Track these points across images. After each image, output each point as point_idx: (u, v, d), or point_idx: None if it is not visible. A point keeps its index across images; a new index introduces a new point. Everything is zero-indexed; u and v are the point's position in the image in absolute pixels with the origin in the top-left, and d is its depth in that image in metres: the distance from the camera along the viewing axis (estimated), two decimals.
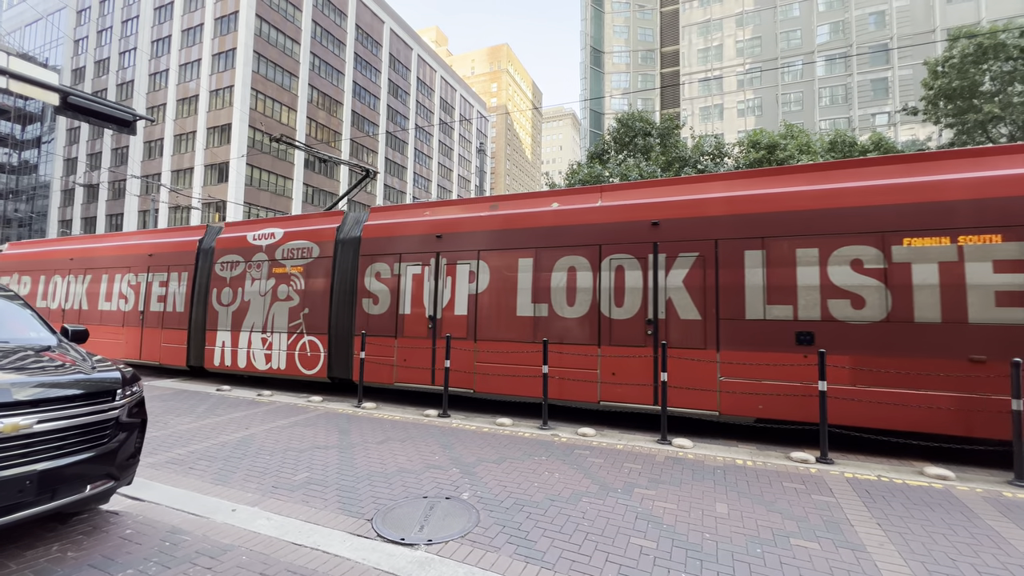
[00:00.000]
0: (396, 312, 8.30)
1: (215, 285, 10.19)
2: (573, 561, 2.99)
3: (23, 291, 13.16)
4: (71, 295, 12.30)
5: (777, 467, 4.85)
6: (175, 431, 6.07)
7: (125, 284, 11.44)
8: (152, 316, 10.98)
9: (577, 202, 7.49)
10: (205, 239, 10.81)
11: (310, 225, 9.60)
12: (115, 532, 3.29)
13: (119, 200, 42.98)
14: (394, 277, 8.42)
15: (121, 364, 3.64)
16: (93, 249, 12.51)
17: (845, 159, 6.96)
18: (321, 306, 9.01)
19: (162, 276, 10.97)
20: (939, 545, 3.24)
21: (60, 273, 12.62)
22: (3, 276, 13.62)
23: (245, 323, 9.77)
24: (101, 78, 45.88)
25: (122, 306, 11.46)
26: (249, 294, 9.80)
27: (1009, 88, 20.44)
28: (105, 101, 7.78)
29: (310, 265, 9.22)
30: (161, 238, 11.47)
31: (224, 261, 10.19)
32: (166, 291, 10.85)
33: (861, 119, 41.63)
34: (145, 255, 11.34)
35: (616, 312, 6.81)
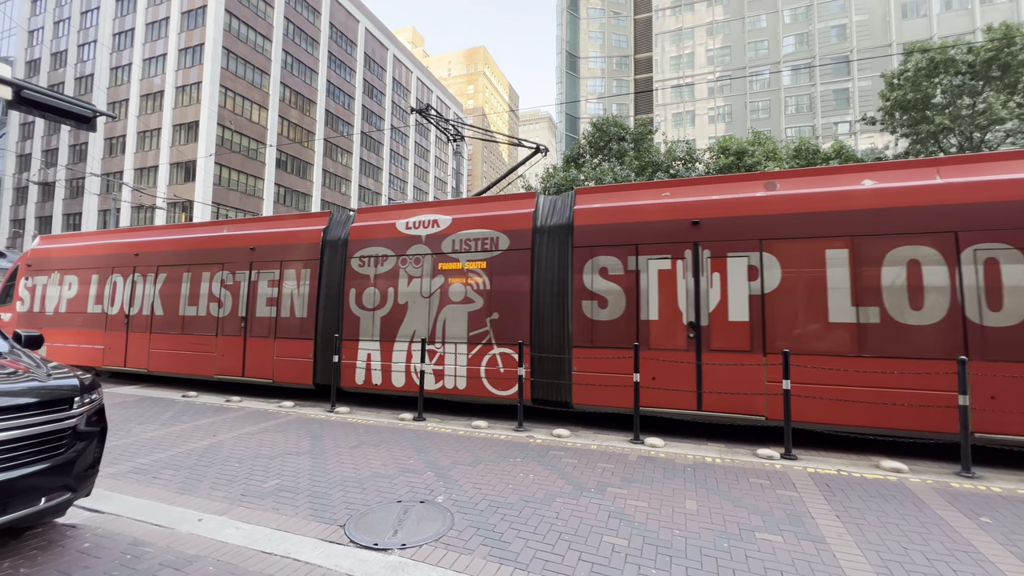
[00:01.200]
0: (635, 317, 6.64)
1: (353, 284, 8.38)
2: (547, 561, 3.03)
3: (68, 293, 11.34)
4: (139, 297, 10.41)
5: (744, 464, 5.01)
6: (138, 439, 5.85)
7: (217, 284, 9.58)
8: (259, 323, 9.07)
9: (906, 178, 5.90)
10: (331, 228, 9.00)
11: (492, 210, 7.84)
12: (72, 546, 3.16)
13: (77, 199, 41.06)
14: (629, 274, 6.74)
15: (79, 371, 3.50)
16: (168, 242, 10.50)
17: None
18: (517, 310, 7.26)
19: (271, 274, 9.08)
20: (892, 535, 3.41)
21: (121, 271, 10.69)
22: (39, 276, 11.80)
23: (402, 331, 7.93)
24: (58, 71, 43.79)
25: (215, 311, 9.53)
26: (405, 295, 7.98)
27: (958, 101, 21.65)
28: (63, 96, 7.44)
29: (496, 260, 7.50)
30: (266, 228, 9.60)
31: (365, 255, 8.37)
32: (278, 292, 8.98)
33: (824, 127, 43.35)
34: (245, 249, 9.49)
35: (991, 318, 5.36)
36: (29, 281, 11.86)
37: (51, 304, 11.48)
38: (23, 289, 11.86)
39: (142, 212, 37.46)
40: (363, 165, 53.87)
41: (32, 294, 11.73)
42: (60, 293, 11.50)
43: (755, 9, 47.91)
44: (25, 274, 12.02)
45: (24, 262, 12.19)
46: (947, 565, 3.00)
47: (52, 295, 11.54)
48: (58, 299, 11.45)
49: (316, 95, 46.66)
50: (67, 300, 11.29)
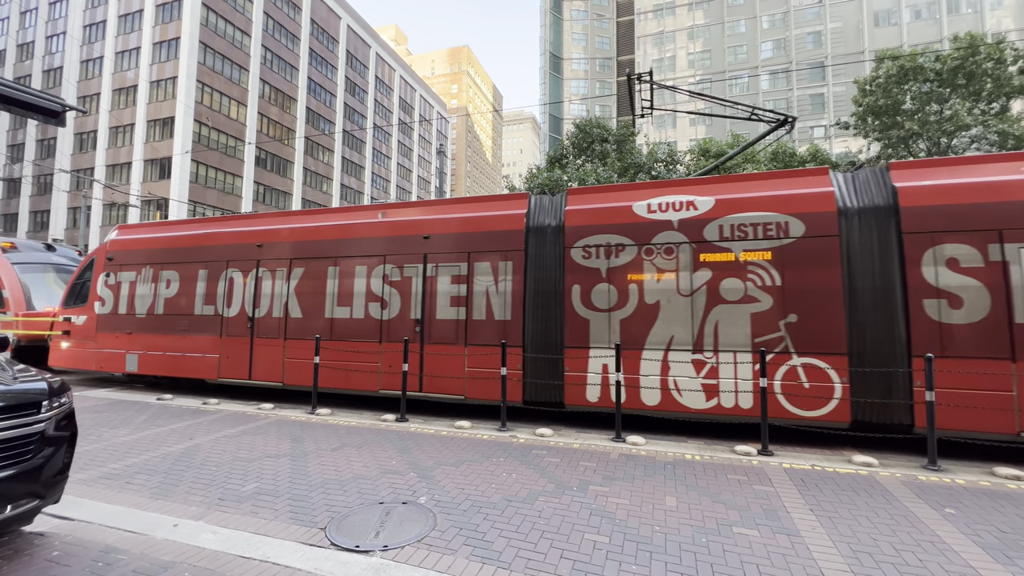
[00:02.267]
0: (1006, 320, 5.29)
1: (576, 280, 6.94)
2: (529, 559, 3.05)
3: (166, 292, 9.61)
4: (266, 297, 8.79)
5: (722, 460, 5.11)
6: (110, 444, 5.68)
7: (378, 281, 8.07)
8: (441, 327, 7.57)
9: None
10: (537, 213, 7.50)
11: (772, 189, 6.49)
12: (40, 555, 3.06)
13: (45, 196, 39.64)
14: (992, 266, 5.43)
15: (48, 374, 3.39)
16: (304, 231, 8.82)
17: None
18: (823, 311, 5.97)
19: (454, 268, 7.62)
20: (863, 527, 3.52)
21: (240, 265, 9.11)
22: (125, 271, 10.07)
23: (652, 337, 6.54)
24: (24, 63, 42.18)
25: (374, 312, 8.00)
26: (654, 293, 6.60)
27: (926, 107, 22.44)
28: (29, 89, 7.18)
29: (787, 249, 6.19)
30: (442, 213, 8.06)
31: (591, 244, 6.93)
32: (467, 290, 7.48)
33: (800, 131, 44.41)
34: (415, 238, 7.97)
35: None
36: (111, 278, 10.13)
37: (143, 304, 9.78)
38: (103, 287, 10.17)
39: (115, 210, 36.35)
40: (345, 164, 53.20)
41: (116, 293, 10.06)
42: (155, 292, 9.73)
43: (734, 14, 48.86)
44: (105, 269, 10.22)
45: (102, 255, 10.39)
46: (914, 555, 3.11)
47: (144, 294, 9.80)
48: (152, 299, 9.71)
49: (297, 92, 45.91)
50: (165, 300, 9.61)
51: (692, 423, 7.01)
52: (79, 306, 10.43)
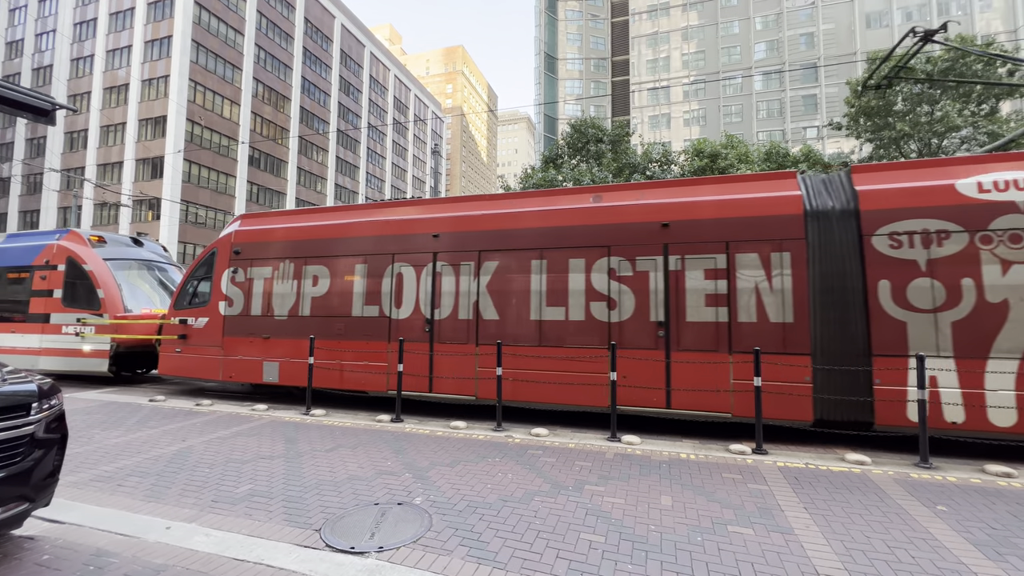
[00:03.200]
0: None
1: (883, 273, 5.83)
2: (525, 559, 3.05)
3: (313, 291, 8.42)
4: (449, 295, 7.62)
5: (717, 459, 5.14)
6: (102, 446, 5.62)
7: (601, 276, 6.88)
8: (694, 332, 6.44)
9: None
10: (817, 195, 6.35)
11: None
12: (30, 559, 3.02)
13: (35, 195, 39.19)
14: None
15: (37, 376, 3.35)
16: (493, 219, 7.62)
17: None
18: None
19: (707, 261, 6.49)
20: (856, 524, 3.55)
21: (410, 259, 7.92)
22: (257, 266, 8.88)
23: (1000, 343, 5.38)
24: (14, 61, 41.68)
25: (598, 313, 6.82)
26: (999, 290, 5.44)
27: (917, 108, 22.65)
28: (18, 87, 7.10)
29: None
30: (682, 196, 6.87)
31: (900, 232, 5.81)
32: (729, 287, 6.35)
33: (794, 132, 44.76)
34: (650, 226, 6.78)
35: None
36: (239, 274, 8.96)
37: (283, 305, 8.57)
38: (229, 285, 9.00)
39: (106, 210, 36.00)
40: (339, 163, 52.98)
41: (246, 291, 8.87)
42: (298, 290, 8.51)
43: (728, 15, 49.12)
44: (231, 265, 9.03)
45: (226, 249, 9.20)
46: (906, 552, 3.14)
47: (284, 292, 8.59)
48: (295, 298, 8.49)
49: (291, 91, 45.67)
50: (312, 299, 8.41)
51: (687, 422, 7.03)
52: (197, 307, 9.28)
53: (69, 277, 10.41)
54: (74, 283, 10.37)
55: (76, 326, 10.10)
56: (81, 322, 10.06)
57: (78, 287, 10.31)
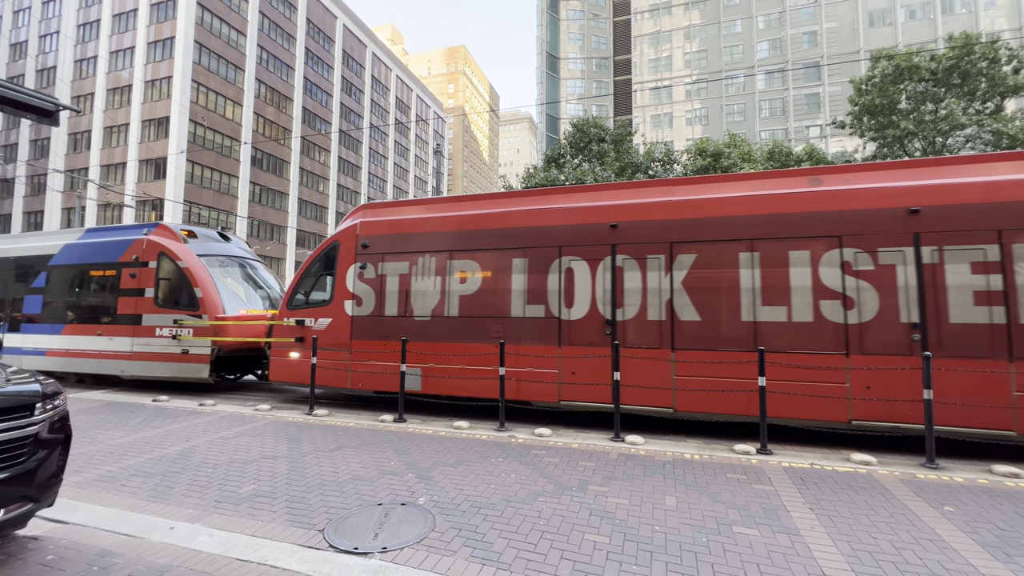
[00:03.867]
0: None
1: None
2: (529, 560, 3.03)
3: (461, 288, 7.58)
4: (635, 293, 6.70)
5: (722, 459, 5.11)
6: (105, 446, 5.63)
7: (832, 272, 6.02)
8: (963, 334, 5.52)
9: None
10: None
11: None
12: (34, 559, 3.02)
13: (39, 196, 39.36)
14: None
15: (41, 376, 3.35)
16: (695, 205, 6.72)
17: None
18: None
19: (974, 253, 5.58)
20: (862, 525, 3.52)
21: (583, 252, 6.99)
22: (390, 261, 8.01)
23: None
24: (18, 62, 41.87)
25: (831, 313, 5.94)
26: None
27: (922, 107, 22.53)
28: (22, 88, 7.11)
29: None
30: (933, 178, 5.96)
31: None
32: (1003, 282, 5.44)
33: (796, 131, 44.62)
34: (895, 212, 5.90)
35: None
36: (368, 270, 8.13)
37: (424, 304, 7.73)
38: (356, 282, 8.15)
39: (109, 210, 36.13)
40: (342, 163, 53.05)
41: (378, 289, 8.01)
42: (443, 287, 7.68)
43: (730, 14, 48.98)
44: (358, 260, 8.20)
45: (350, 242, 8.34)
46: (913, 553, 3.11)
47: (425, 290, 7.73)
48: (440, 296, 7.68)
49: (293, 92, 45.74)
50: (460, 298, 7.58)
51: (690, 422, 7.00)
52: (317, 306, 8.45)
53: (162, 275, 9.64)
54: (168, 281, 9.61)
55: (172, 328, 9.31)
56: (178, 324, 9.27)
57: (173, 286, 9.55)
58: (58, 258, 10.78)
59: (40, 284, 10.84)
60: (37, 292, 10.83)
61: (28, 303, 10.90)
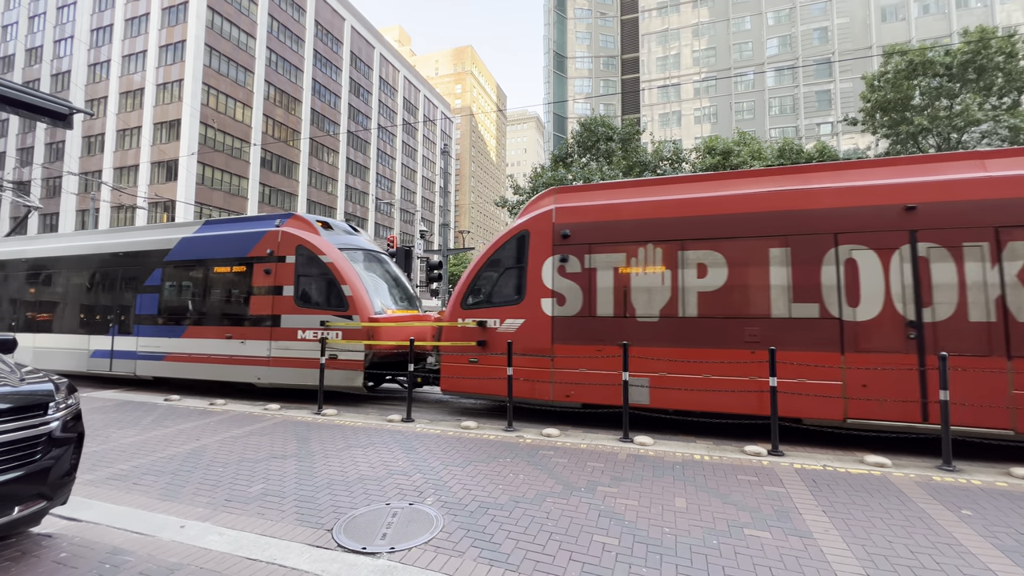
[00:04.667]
0: None
1: None
2: (537, 562, 3.01)
3: (703, 283, 6.44)
4: (948, 289, 5.62)
5: (732, 461, 5.05)
6: (118, 445, 5.70)
7: None
8: None
9: None
10: None
11: None
12: (48, 556, 3.06)
13: (55, 198, 40.02)
14: None
15: (55, 376, 3.39)
16: (1005, 182, 5.60)
17: None
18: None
19: None
20: (877, 528, 3.46)
21: (868, 240, 5.94)
22: (601, 253, 6.90)
23: None
24: (33, 67, 42.65)
25: None
26: None
27: (936, 103, 22.16)
28: (37, 92, 7.23)
29: None
30: None
31: None
32: None
33: (807, 128, 44.09)
34: None
35: None
36: (572, 263, 7.02)
37: (648, 303, 6.61)
38: (557, 278, 7.07)
39: (122, 212, 36.67)
40: (350, 164, 53.38)
41: (585, 285, 6.92)
42: (675, 283, 6.56)
43: (739, 11, 48.53)
44: (556, 251, 7.11)
45: (544, 231, 7.24)
46: (930, 557, 3.05)
47: (649, 287, 6.61)
48: (670, 294, 6.54)
49: (301, 94, 46.11)
50: (697, 296, 6.49)
51: (700, 423, 6.93)
52: (502, 305, 7.37)
53: (303, 271, 8.64)
54: (310, 278, 8.62)
55: (318, 331, 8.32)
56: (325, 326, 8.30)
57: (316, 283, 8.58)
58: (175, 253, 9.85)
59: (155, 282, 9.92)
60: (151, 291, 9.90)
61: (141, 303, 9.97)
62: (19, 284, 11.72)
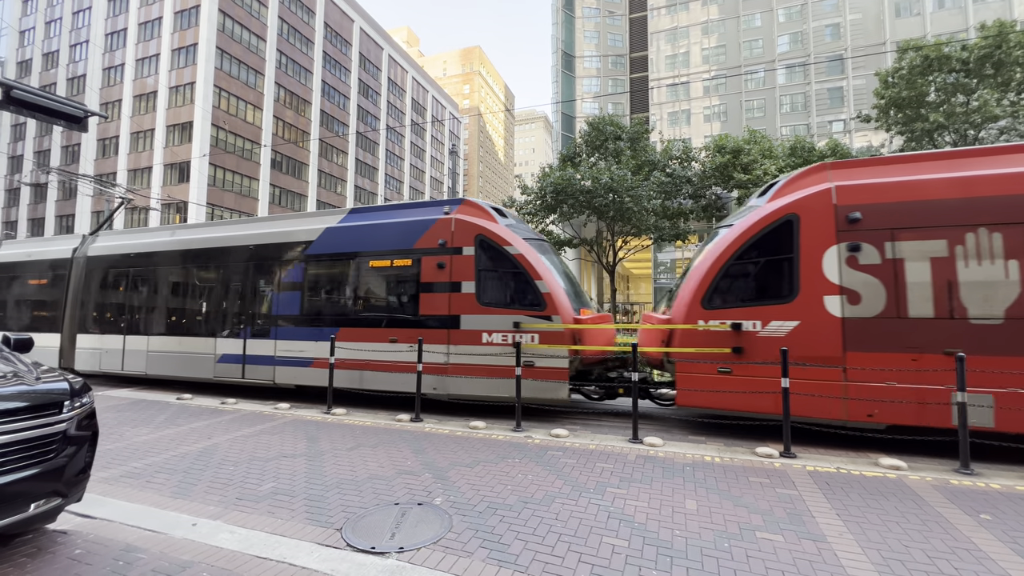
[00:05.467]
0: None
1: None
2: (546, 563, 3.00)
3: (1003, 274, 5.30)
4: None
5: (743, 462, 4.99)
6: (131, 443, 5.78)
7: None
8: None
9: None
10: None
11: None
12: (63, 553, 3.10)
13: (70, 200, 40.75)
14: None
15: (70, 375, 3.44)
16: None
17: None
18: None
19: None
20: (893, 533, 3.39)
21: None
22: (912, 240, 5.64)
23: None
24: (50, 71, 43.45)
25: None
26: None
27: (952, 99, 21.73)
28: (54, 96, 7.36)
29: None
30: None
31: None
32: None
33: (819, 126, 43.51)
34: None
35: None
36: (866, 253, 5.79)
37: (988, 301, 5.37)
38: (845, 271, 5.84)
39: (136, 213, 37.22)
40: (359, 165, 53.70)
41: (888, 279, 5.70)
42: None
43: (750, 8, 48.02)
44: (846, 238, 5.88)
45: (822, 214, 6.02)
46: (948, 563, 2.98)
47: (988, 280, 5.37)
48: (1021, 289, 5.23)
49: (311, 95, 46.46)
50: None
51: (710, 424, 6.87)
52: (763, 304, 6.21)
53: (486, 264, 7.58)
54: (495, 273, 7.59)
55: (509, 333, 7.23)
56: (519, 328, 7.21)
57: (504, 278, 7.54)
58: (319, 245, 8.80)
59: (295, 278, 8.92)
60: (292, 288, 8.92)
61: (280, 302, 9.00)
62: (128, 282, 10.68)
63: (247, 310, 9.36)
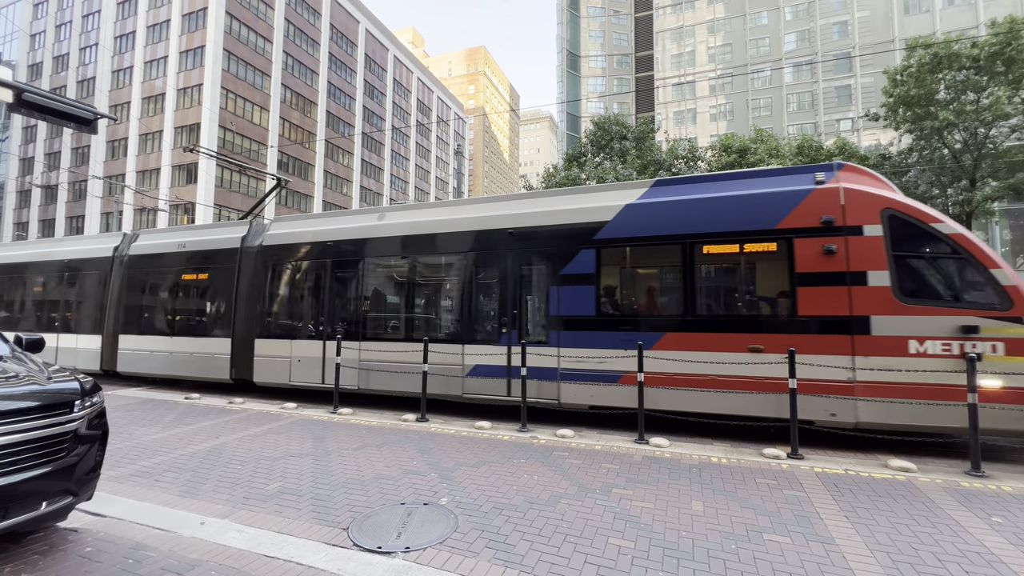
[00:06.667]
0: None
1: None
2: (552, 564, 2.99)
3: None
4: None
5: (750, 463, 4.96)
6: (140, 442, 5.83)
7: None
8: None
9: None
10: None
11: None
12: (74, 551, 3.14)
13: (80, 201, 41.22)
14: None
15: (80, 374, 3.48)
16: None
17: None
18: None
19: None
20: (903, 535, 3.36)
21: None
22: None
23: None
24: (60, 74, 43.97)
25: None
26: None
27: (962, 96, 21.47)
28: (64, 98, 7.44)
29: None
30: None
31: None
32: None
33: (827, 124, 43.16)
34: None
35: None
36: None
37: None
38: None
39: (144, 214, 37.58)
40: (364, 166, 53.91)
41: None
42: None
43: (756, 6, 47.73)
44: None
45: None
46: (959, 566, 2.95)
47: None
48: None
49: (317, 96, 46.70)
50: None
51: (717, 425, 6.82)
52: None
53: (905, 248, 5.77)
54: (922, 259, 5.84)
55: (958, 341, 5.34)
56: (970, 334, 5.31)
57: (936, 266, 5.82)
58: (616, 227, 6.99)
59: (584, 269, 7.08)
60: (580, 281, 7.09)
61: (563, 298, 7.16)
62: (330, 273, 8.93)
63: (508, 309, 7.56)
